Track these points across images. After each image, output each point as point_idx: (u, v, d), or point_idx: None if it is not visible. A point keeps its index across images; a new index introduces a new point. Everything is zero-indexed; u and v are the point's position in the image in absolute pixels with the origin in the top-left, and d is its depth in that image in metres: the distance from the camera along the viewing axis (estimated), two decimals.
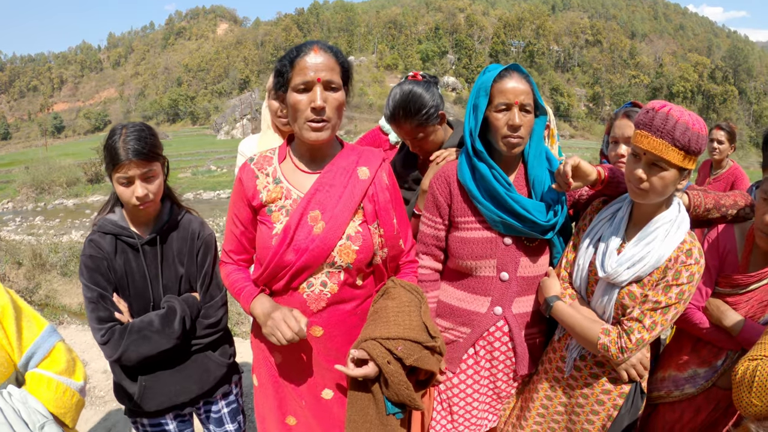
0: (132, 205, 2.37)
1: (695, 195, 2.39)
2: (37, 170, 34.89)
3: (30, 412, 1.74)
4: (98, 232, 2.44)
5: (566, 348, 2.43)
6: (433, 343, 2.15)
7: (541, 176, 2.42)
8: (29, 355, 1.86)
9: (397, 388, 2.08)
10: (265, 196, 2.17)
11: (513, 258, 2.44)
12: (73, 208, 28.58)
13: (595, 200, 2.48)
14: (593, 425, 2.39)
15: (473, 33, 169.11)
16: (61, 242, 12.92)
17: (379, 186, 2.23)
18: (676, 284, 2.09)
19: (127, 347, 2.34)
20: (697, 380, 2.55)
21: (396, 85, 2.73)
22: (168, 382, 2.51)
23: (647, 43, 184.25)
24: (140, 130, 2.35)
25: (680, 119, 1.95)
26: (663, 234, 2.13)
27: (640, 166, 2.05)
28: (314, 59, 2.00)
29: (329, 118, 2.04)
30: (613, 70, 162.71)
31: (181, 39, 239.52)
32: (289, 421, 2.32)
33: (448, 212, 2.51)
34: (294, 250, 2.09)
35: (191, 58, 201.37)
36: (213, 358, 2.62)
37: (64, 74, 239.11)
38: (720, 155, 5.92)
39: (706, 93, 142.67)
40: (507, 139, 2.30)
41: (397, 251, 2.33)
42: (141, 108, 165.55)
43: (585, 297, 2.38)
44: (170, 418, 2.63)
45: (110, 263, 2.41)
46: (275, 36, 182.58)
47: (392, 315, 2.14)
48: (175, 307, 2.44)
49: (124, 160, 2.26)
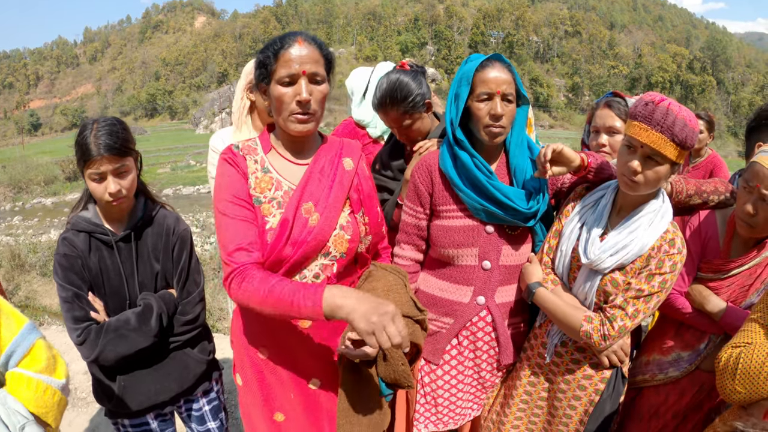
0: (105, 202, 2.33)
1: (677, 182, 2.41)
2: (14, 169, 34.55)
3: (10, 413, 1.69)
4: (72, 230, 2.40)
5: (547, 334, 2.44)
6: (422, 316, 2.16)
7: (523, 165, 2.42)
8: (8, 354, 1.80)
9: (394, 365, 2.05)
10: (254, 183, 2.10)
11: (495, 246, 2.43)
12: (52, 207, 28.34)
13: (578, 186, 2.49)
14: (575, 410, 2.41)
15: (452, 24, 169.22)
16: (40, 242, 12.79)
17: (362, 176, 2.25)
18: (659, 273, 2.12)
19: (104, 347, 2.29)
20: (680, 363, 2.57)
21: (384, 74, 2.76)
22: (147, 381, 2.47)
23: (626, 34, 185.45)
24: (112, 125, 2.30)
25: (679, 115, 1.96)
26: (647, 223, 2.14)
27: (635, 158, 2.05)
28: (299, 51, 1.97)
29: (314, 111, 2.02)
30: (592, 60, 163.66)
31: (158, 32, 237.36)
32: (277, 418, 2.28)
33: (430, 201, 2.51)
34: (292, 244, 2.05)
35: (169, 52, 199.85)
36: (192, 356, 2.58)
37: (40, 70, 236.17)
38: (699, 144, 5.95)
39: (685, 83, 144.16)
40: (489, 129, 2.30)
41: (379, 238, 2.36)
42: (119, 103, 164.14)
43: (567, 283, 2.38)
44: (151, 417, 2.59)
45: (84, 261, 2.37)
46: (253, 28, 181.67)
47: (383, 295, 2.11)
48: (152, 304, 2.41)
49: (96, 155, 2.22)
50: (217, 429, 2.80)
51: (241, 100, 3.18)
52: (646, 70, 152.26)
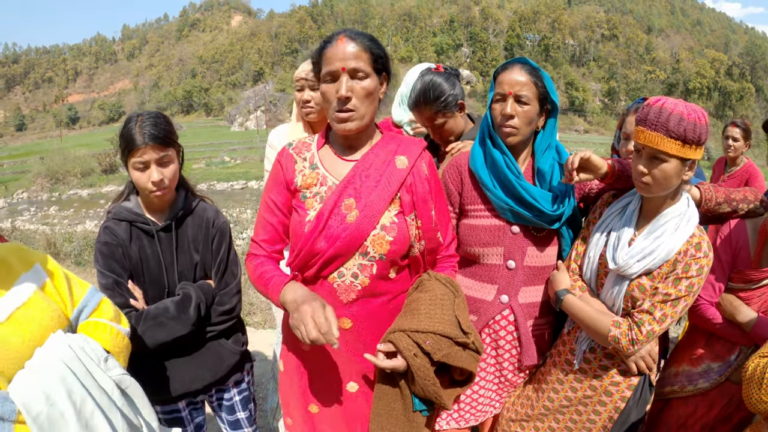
0: (148, 191, 2.38)
1: (706, 189, 2.40)
2: (52, 161, 35.17)
3: (92, 349, 1.90)
4: (113, 218, 2.45)
5: (576, 341, 2.45)
6: (465, 339, 2.09)
7: (547, 168, 2.45)
8: (81, 308, 2.01)
9: (423, 383, 2.04)
10: (300, 181, 2.15)
11: (520, 247, 2.47)
12: (88, 198, 28.79)
13: (606, 194, 2.50)
14: (599, 416, 2.41)
15: (488, 26, 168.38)
16: (75, 232, 13.00)
17: (418, 176, 2.17)
18: (686, 277, 2.12)
19: (143, 333, 2.34)
20: (710, 375, 2.55)
21: (419, 75, 2.88)
22: (182, 369, 2.51)
23: (663, 38, 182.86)
24: (156, 117, 2.39)
25: (674, 111, 2.00)
26: (673, 227, 2.16)
27: (640, 160, 2.11)
28: (339, 48, 1.99)
29: (356, 108, 2.01)
30: (629, 65, 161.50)
31: (195, 31, 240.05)
32: (311, 409, 2.29)
33: (459, 200, 2.55)
34: (326, 238, 2.05)
35: (205, 50, 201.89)
36: (226, 346, 2.62)
37: (79, 66, 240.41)
38: (735, 152, 5.87)
39: (723, 90, 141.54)
40: (500, 128, 2.39)
41: (434, 244, 2.27)
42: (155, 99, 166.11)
43: (594, 289, 2.39)
44: (183, 405, 2.63)
45: (125, 250, 2.42)
46: (289, 28, 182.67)
47: (423, 308, 2.09)
48: (191, 293, 2.45)
49: (141, 144, 2.28)
50: (246, 419, 2.83)
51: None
52: (683, 75, 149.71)
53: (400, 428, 2.15)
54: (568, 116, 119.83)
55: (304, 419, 2.32)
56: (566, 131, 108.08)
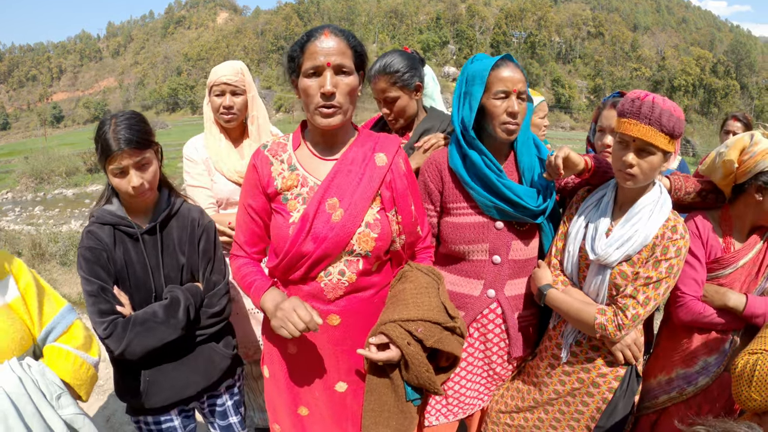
0: (129, 195, 2.32)
1: (676, 179, 2.51)
2: (36, 160, 34.79)
3: (47, 383, 1.80)
4: (96, 222, 2.37)
5: (561, 335, 2.49)
6: (452, 323, 2.11)
7: (530, 162, 2.50)
8: (48, 330, 1.93)
9: (417, 371, 2.05)
10: (281, 184, 2.12)
11: (505, 242, 2.49)
12: (73, 198, 28.53)
13: (580, 190, 2.58)
14: (587, 407, 2.45)
15: (474, 23, 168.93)
16: (60, 232, 12.87)
17: (397, 172, 2.18)
18: (665, 259, 2.20)
19: (131, 340, 2.26)
20: (709, 369, 2.54)
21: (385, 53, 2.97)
22: (173, 375, 2.45)
23: (649, 36, 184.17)
24: (129, 118, 2.29)
25: (665, 106, 2.10)
26: (647, 214, 2.25)
27: (629, 152, 2.16)
28: (324, 43, 1.96)
29: (340, 104, 1.99)
30: (615, 62, 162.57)
31: (180, 28, 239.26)
32: (301, 412, 2.29)
33: (440, 199, 2.56)
34: (312, 239, 2.04)
35: (191, 47, 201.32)
36: (217, 350, 2.57)
37: (63, 64, 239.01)
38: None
39: (708, 87, 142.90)
40: (505, 126, 2.37)
41: (414, 238, 2.30)
42: (140, 97, 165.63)
43: (577, 282, 2.45)
44: (175, 414, 2.57)
45: (110, 254, 2.34)
46: (275, 25, 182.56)
47: (410, 297, 2.11)
48: (179, 296, 2.38)
49: (116, 150, 2.20)
50: (239, 423, 2.79)
51: (207, 104, 3.25)
52: (669, 72, 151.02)
53: (394, 420, 2.16)
54: (554, 113, 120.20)
55: (294, 423, 2.31)
56: (552, 128, 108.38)
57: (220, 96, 3.11)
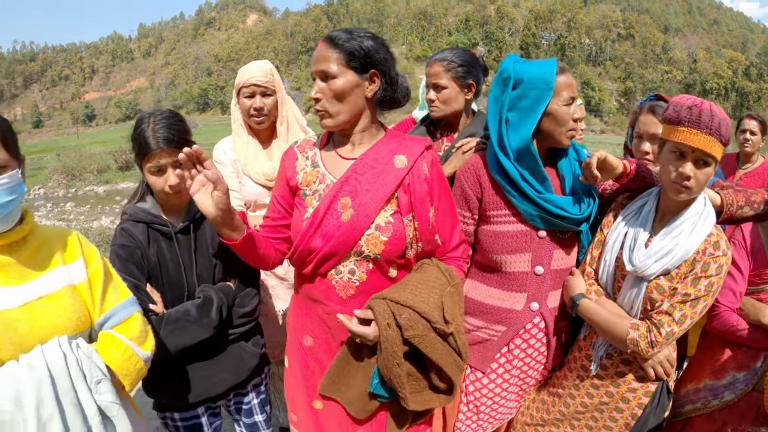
0: (165, 194, 2.32)
1: (727, 194, 2.33)
2: (68, 157, 35.30)
3: (91, 366, 1.81)
4: (130, 220, 2.37)
5: (592, 346, 2.41)
6: (444, 327, 1.99)
7: (570, 168, 2.43)
8: (107, 317, 1.94)
9: (387, 359, 1.98)
10: (301, 178, 2.16)
11: (547, 251, 2.40)
12: (104, 195, 28.86)
13: (620, 196, 2.47)
14: (616, 423, 2.37)
15: (504, 25, 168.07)
16: (91, 228, 12.98)
17: (417, 176, 2.10)
18: (705, 276, 2.09)
19: (164, 338, 2.26)
20: (737, 385, 2.48)
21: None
22: (204, 373, 2.45)
23: (681, 38, 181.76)
24: (168, 117, 2.29)
25: (721, 115, 1.99)
26: (690, 227, 2.13)
27: (686, 162, 2.02)
28: (316, 52, 2.05)
29: (324, 108, 2.04)
30: (646, 65, 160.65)
31: (210, 29, 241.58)
32: (315, 405, 2.28)
33: (479, 206, 2.45)
34: (321, 236, 2.06)
35: (221, 49, 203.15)
36: (246, 349, 2.56)
37: (96, 64, 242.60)
38: (752, 147, 5.59)
39: (740, 90, 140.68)
40: (571, 132, 2.32)
41: (432, 246, 2.20)
42: (171, 97, 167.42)
43: (611, 293, 2.35)
44: (202, 411, 2.58)
45: (143, 252, 2.34)
46: (304, 27, 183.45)
47: (411, 284, 2.05)
48: (212, 296, 2.38)
49: (155, 149, 2.21)
50: (264, 422, 2.79)
51: (235, 106, 3.25)
52: (700, 75, 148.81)
53: (352, 392, 2.16)
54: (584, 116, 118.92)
55: (309, 415, 2.31)
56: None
57: (249, 98, 3.08)
